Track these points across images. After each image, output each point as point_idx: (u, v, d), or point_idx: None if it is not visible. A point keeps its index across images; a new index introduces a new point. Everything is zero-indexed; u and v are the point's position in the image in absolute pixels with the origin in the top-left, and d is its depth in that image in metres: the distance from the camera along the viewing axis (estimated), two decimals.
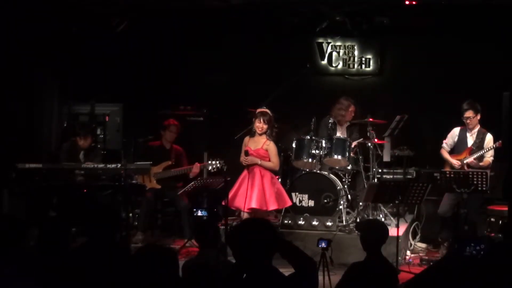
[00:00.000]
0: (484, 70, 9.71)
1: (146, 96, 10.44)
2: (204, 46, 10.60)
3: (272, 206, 8.26)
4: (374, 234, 5.44)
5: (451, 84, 9.91)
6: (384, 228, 5.57)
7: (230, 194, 8.11)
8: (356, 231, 7.86)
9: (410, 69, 10.30)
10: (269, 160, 8.34)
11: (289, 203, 8.43)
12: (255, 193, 8.12)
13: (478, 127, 8.66)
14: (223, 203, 7.75)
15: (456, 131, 8.79)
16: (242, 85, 10.49)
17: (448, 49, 10.05)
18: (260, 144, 8.33)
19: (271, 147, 8.34)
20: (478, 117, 8.59)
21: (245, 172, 8.30)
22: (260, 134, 8.36)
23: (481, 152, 8.54)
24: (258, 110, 8.44)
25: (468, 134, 8.70)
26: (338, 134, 9.25)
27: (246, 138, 8.46)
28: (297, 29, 10.37)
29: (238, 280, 3.70)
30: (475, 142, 8.64)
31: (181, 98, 10.36)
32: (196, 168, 8.85)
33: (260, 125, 8.31)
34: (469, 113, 8.56)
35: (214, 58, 10.60)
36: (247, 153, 8.22)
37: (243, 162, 8.22)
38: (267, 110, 8.44)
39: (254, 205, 8.08)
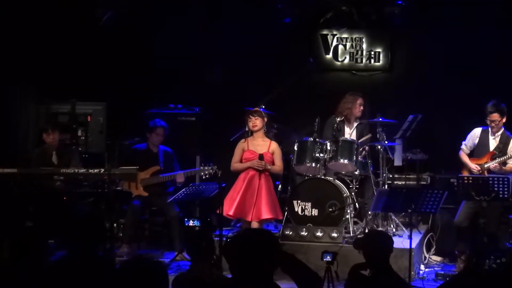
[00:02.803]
0: (508, 64, 9.71)
1: (132, 94, 10.42)
2: (196, 40, 10.59)
3: (280, 215, 8.32)
4: (376, 247, 5.41)
5: (470, 80, 9.91)
6: (384, 237, 5.56)
7: (234, 203, 8.10)
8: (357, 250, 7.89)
9: (424, 64, 10.30)
10: (273, 164, 8.35)
11: (281, 216, 8.47)
12: (265, 201, 8.13)
13: (501, 130, 8.64)
14: (218, 212, 7.72)
15: (477, 132, 8.78)
16: (238, 82, 10.48)
17: (466, 41, 10.04)
18: (266, 147, 8.33)
19: (277, 149, 8.40)
20: (504, 120, 8.57)
21: (248, 177, 8.25)
22: (256, 131, 8.32)
23: (504, 158, 8.51)
24: (255, 109, 8.42)
25: (491, 137, 8.68)
26: (346, 134, 9.25)
27: (243, 142, 8.41)
28: (299, 19, 10.36)
29: None
30: (497, 147, 8.62)
31: (171, 96, 10.34)
32: (180, 177, 8.83)
33: (253, 118, 8.29)
34: (494, 116, 8.52)
35: (207, 53, 10.59)
36: (262, 157, 8.19)
37: (257, 167, 8.19)
38: (257, 108, 8.44)
39: (267, 215, 8.11)
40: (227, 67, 10.56)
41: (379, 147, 8.96)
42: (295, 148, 8.91)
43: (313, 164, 8.81)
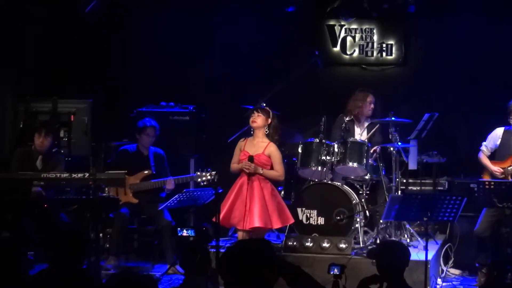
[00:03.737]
0: None
1: (120, 91, 10.42)
2: (190, 31, 10.59)
3: (276, 223, 8.24)
4: (391, 259, 5.42)
5: (491, 75, 9.92)
6: (402, 248, 5.57)
7: (223, 209, 8.08)
8: (371, 260, 7.88)
9: (442, 58, 10.29)
10: (271, 168, 8.30)
11: (291, 220, 8.42)
12: (256, 208, 8.09)
13: None
14: (214, 221, 7.72)
15: (499, 132, 8.77)
16: (236, 77, 10.48)
17: (489, 33, 10.04)
18: (261, 149, 8.28)
19: (275, 152, 8.28)
20: None
21: (240, 181, 8.24)
22: (255, 128, 8.27)
23: None
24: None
25: None
26: (356, 134, 9.26)
27: (241, 141, 8.41)
28: (303, 8, 10.37)
29: None
30: None
31: (162, 93, 10.34)
32: (169, 184, 8.83)
33: (255, 114, 8.23)
34: None
35: (202, 45, 10.59)
36: (252, 159, 8.15)
37: (244, 169, 8.15)
38: (267, 108, 8.43)
39: (258, 223, 8.06)
40: (224, 61, 10.55)
41: (391, 149, 8.96)
42: (299, 150, 8.91)
43: (319, 168, 8.80)
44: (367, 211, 8.88)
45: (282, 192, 9.24)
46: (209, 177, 8.45)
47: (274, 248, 3.92)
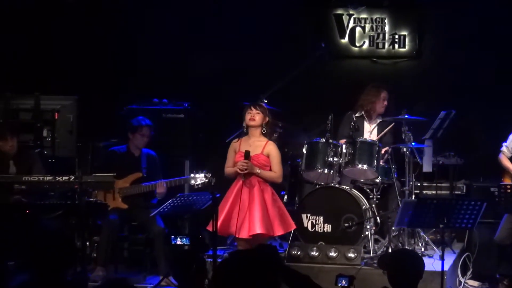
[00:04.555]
0: None
1: (108, 87, 10.42)
2: (185, 20, 10.59)
3: (278, 230, 8.23)
4: (405, 269, 5.43)
5: None
6: (417, 259, 5.57)
7: (220, 217, 8.07)
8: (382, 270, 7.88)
9: (459, 50, 10.29)
10: (270, 169, 8.29)
11: (293, 226, 8.42)
12: (257, 214, 8.08)
13: None
14: (210, 228, 7.72)
15: None
16: (235, 72, 10.49)
17: (511, 23, 10.04)
18: (260, 148, 8.25)
19: (274, 151, 8.25)
20: None
21: (238, 185, 8.24)
22: (253, 127, 8.24)
23: None
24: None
25: None
26: (366, 132, 9.25)
27: (235, 142, 8.36)
28: None
29: None
30: None
31: (154, 89, 10.35)
32: (160, 187, 8.82)
33: (253, 111, 8.21)
34: None
35: (197, 37, 10.59)
36: (248, 155, 8.10)
37: (239, 169, 8.14)
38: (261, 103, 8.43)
39: (259, 229, 8.05)
40: (222, 54, 10.55)
41: (405, 149, 8.96)
42: (304, 151, 8.91)
43: (326, 170, 8.81)
44: (378, 218, 8.88)
45: (285, 197, 9.25)
46: (205, 180, 8.44)
47: (280, 256, 3.91)
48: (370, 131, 9.32)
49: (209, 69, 10.51)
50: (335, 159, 8.78)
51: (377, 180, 8.97)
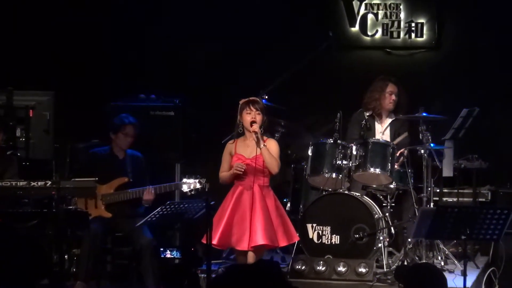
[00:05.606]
0: None
1: (89, 81, 10.42)
2: (176, 6, 10.59)
3: (282, 241, 8.23)
4: (424, 286, 5.43)
5: None
6: (439, 275, 5.57)
7: (219, 228, 8.07)
8: (398, 283, 7.88)
9: (483, 40, 10.30)
10: (270, 175, 8.31)
11: (297, 237, 8.42)
12: (259, 222, 8.07)
13: None
14: (204, 240, 7.72)
15: None
16: (231, 64, 10.49)
17: None
18: (259, 150, 8.24)
19: (274, 147, 8.22)
20: None
21: (237, 191, 8.24)
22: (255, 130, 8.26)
23: None
24: (242, 101, 8.35)
25: None
26: (377, 133, 9.27)
27: (230, 144, 8.34)
28: None
29: None
30: None
31: (141, 83, 10.35)
32: (148, 194, 8.81)
33: (253, 111, 8.19)
34: None
35: (189, 26, 10.59)
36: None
37: (237, 170, 8.10)
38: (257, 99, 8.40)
39: (262, 240, 8.04)
40: (218, 44, 10.56)
41: (422, 151, 8.96)
42: (309, 153, 8.92)
43: (334, 175, 8.82)
44: (392, 228, 8.88)
45: (288, 204, 9.25)
46: (198, 185, 8.43)
47: (282, 272, 3.91)
48: (382, 132, 9.31)
49: (203, 61, 10.52)
50: (344, 162, 8.78)
51: (392, 186, 8.97)
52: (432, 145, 8.94)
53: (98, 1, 10.67)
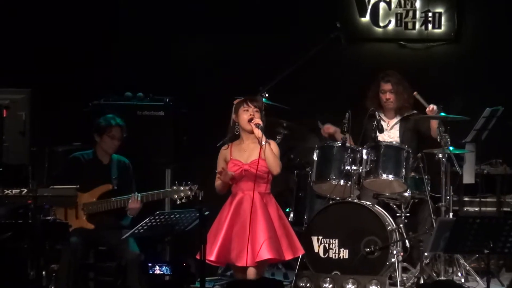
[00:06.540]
0: None
1: (70, 78, 10.42)
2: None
3: (287, 254, 8.20)
4: None
5: None
6: None
7: (216, 242, 8.04)
8: None
9: (507, 32, 10.30)
10: (271, 179, 8.29)
11: (301, 251, 8.39)
12: (262, 233, 8.04)
13: None
14: (198, 256, 7.70)
15: None
16: (227, 59, 10.50)
17: None
18: (257, 152, 8.17)
19: (275, 148, 8.18)
20: None
21: (236, 200, 8.21)
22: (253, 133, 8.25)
23: None
24: (237, 100, 8.35)
25: None
26: (385, 135, 9.25)
27: (224, 149, 8.30)
28: None
29: None
30: None
31: (127, 81, 10.35)
32: (134, 202, 8.79)
33: (251, 108, 8.17)
34: None
35: (183, 16, 10.61)
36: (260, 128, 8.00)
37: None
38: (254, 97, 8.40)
39: (267, 254, 7.99)
40: (213, 37, 10.59)
41: (440, 156, 8.96)
42: (315, 157, 8.93)
43: (342, 182, 8.83)
44: (406, 241, 8.88)
45: (291, 215, 9.25)
46: (190, 193, 8.41)
47: None
48: (389, 129, 9.32)
49: (197, 56, 10.55)
50: (354, 167, 8.80)
51: (406, 194, 8.98)
52: (451, 148, 8.95)
53: None
